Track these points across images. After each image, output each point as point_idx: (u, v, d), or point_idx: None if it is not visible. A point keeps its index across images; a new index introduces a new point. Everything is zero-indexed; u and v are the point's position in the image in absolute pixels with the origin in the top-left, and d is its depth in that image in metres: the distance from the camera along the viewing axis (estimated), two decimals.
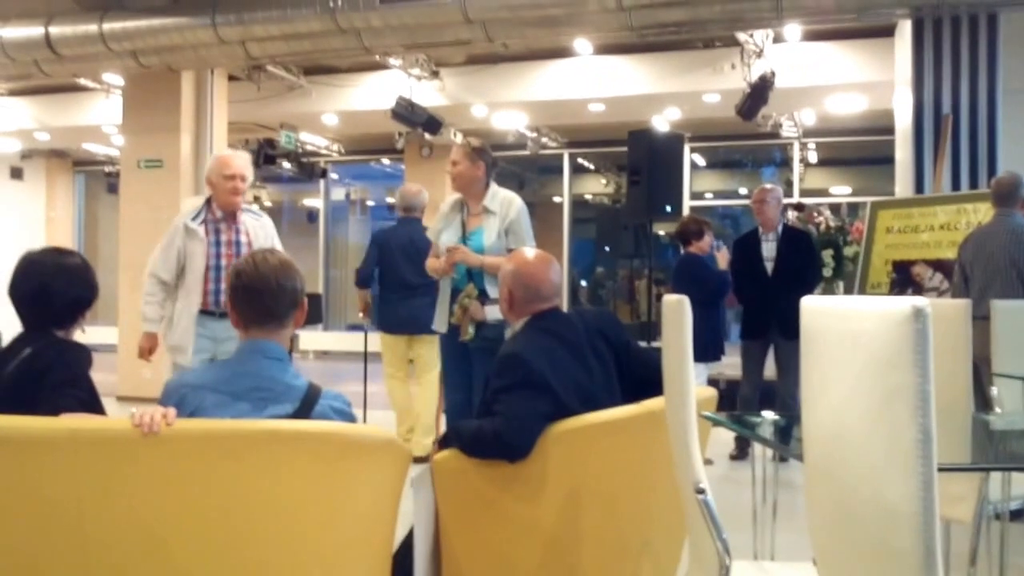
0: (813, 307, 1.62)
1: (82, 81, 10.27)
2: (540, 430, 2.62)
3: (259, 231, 4.51)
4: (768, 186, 6.25)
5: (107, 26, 7.72)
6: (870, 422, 1.45)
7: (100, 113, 11.31)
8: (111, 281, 9.33)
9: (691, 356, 2.21)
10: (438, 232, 4.40)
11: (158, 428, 1.96)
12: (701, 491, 2.10)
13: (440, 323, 4.34)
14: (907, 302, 1.30)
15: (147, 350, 4.57)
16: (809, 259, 6.12)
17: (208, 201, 4.50)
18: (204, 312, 4.38)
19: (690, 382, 2.17)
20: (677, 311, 2.17)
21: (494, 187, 4.34)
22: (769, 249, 6.04)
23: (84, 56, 8.03)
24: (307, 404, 2.25)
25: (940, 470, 1.36)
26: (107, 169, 14.37)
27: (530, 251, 3.13)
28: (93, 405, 2.45)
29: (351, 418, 2.35)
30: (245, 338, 2.33)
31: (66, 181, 15.65)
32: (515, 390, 2.65)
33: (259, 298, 2.30)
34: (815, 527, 1.74)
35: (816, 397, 1.63)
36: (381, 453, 2.31)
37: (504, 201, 4.29)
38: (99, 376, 2.57)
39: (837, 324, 1.53)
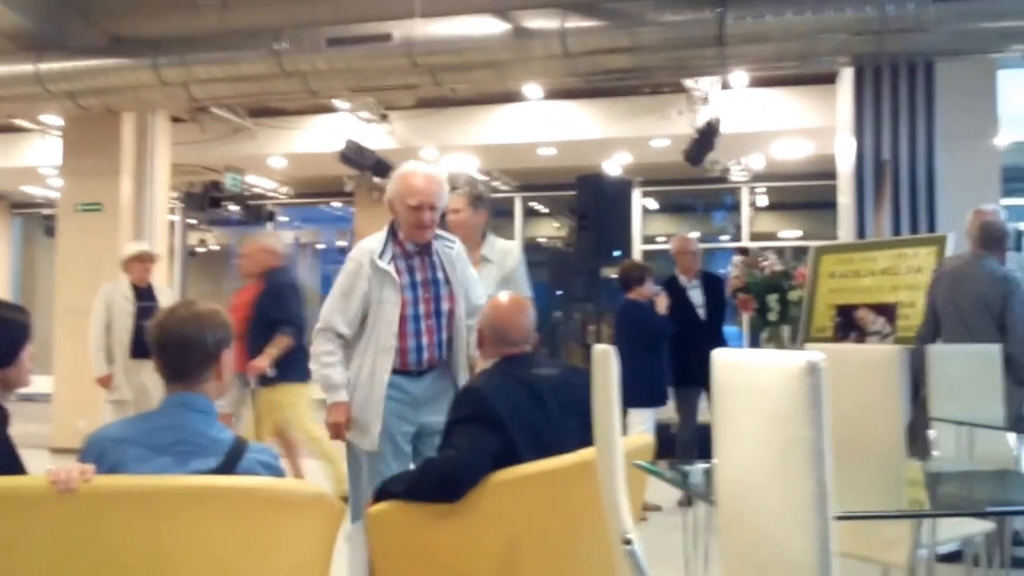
0: (722, 361, 1.63)
1: (18, 121, 10.07)
2: (487, 467, 2.61)
3: (456, 264, 3.59)
4: (688, 236, 6.53)
5: (44, 66, 7.59)
6: (770, 474, 1.48)
7: (38, 154, 11.11)
8: (47, 328, 9.07)
9: (618, 406, 2.17)
10: None
11: (75, 485, 1.93)
12: (628, 542, 2.08)
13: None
14: (802, 357, 1.29)
15: (340, 426, 3.48)
16: (725, 302, 6.51)
17: (393, 230, 3.55)
18: (402, 373, 3.45)
19: (617, 432, 2.13)
20: (604, 361, 2.13)
21: (491, 236, 4.18)
22: (696, 295, 6.28)
23: (20, 96, 7.89)
24: (232, 458, 2.20)
25: (845, 518, 1.36)
26: (45, 212, 14.07)
27: (505, 296, 3.14)
28: (11, 466, 2.34)
29: (279, 472, 2.31)
30: (169, 391, 2.27)
31: (3, 224, 15.29)
32: (469, 423, 2.67)
33: (169, 352, 2.25)
34: (728, 572, 1.75)
35: (726, 447, 1.68)
36: (310, 508, 2.26)
37: (502, 251, 4.14)
38: (33, 427, 2.48)
39: (742, 378, 1.54)
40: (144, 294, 6.52)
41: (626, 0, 6.73)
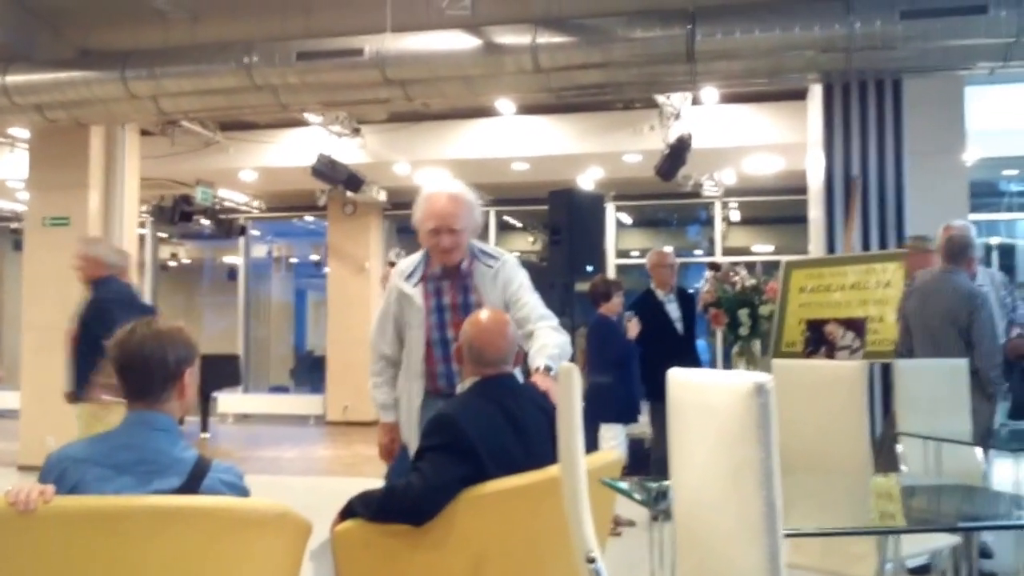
0: (676, 379, 1.64)
1: None
2: (452, 494, 2.59)
3: (489, 284, 3.37)
4: (665, 250, 6.53)
5: (11, 79, 7.50)
6: (722, 492, 1.49)
7: (6, 168, 10.92)
8: (15, 343, 8.95)
9: (581, 423, 2.16)
10: None
11: (34, 505, 1.91)
12: (591, 560, 2.08)
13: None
14: (750, 378, 1.29)
15: (386, 447, 3.55)
16: (696, 317, 6.55)
17: (428, 251, 3.49)
18: (436, 394, 3.37)
19: (580, 450, 2.12)
20: (567, 379, 2.13)
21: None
22: (674, 310, 6.34)
23: None
24: (195, 477, 2.18)
25: (796, 535, 1.37)
26: (13, 226, 13.91)
27: (486, 313, 3.02)
28: None
29: (243, 491, 2.29)
30: (131, 410, 2.24)
31: None
32: (439, 451, 2.62)
33: (129, 372, 2.23)
34: None
35: (682, 464, 1.71)
36: (275, 526, 2.23)
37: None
38: (0, 444, 2.43)
39: (695, 397, 1.56)
40: None
41: (596, 16, 6.75)
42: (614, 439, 5.86)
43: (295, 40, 7.18)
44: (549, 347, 3.17)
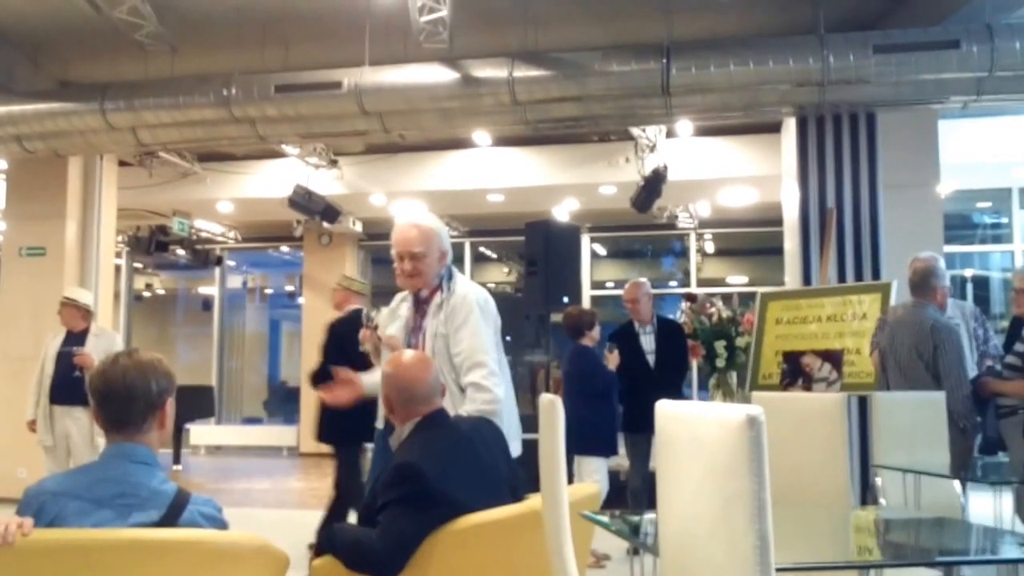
0: (665, 411, 1.64)
1: None
2: (419, 544, 2.58)
3: (433, 313, 3.40)
4: (639, 281, 6.44)
5: None
6: (712, 525, 1.48)
7: None
8: None
9: (563, 455, 2.17)
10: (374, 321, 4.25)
11: (13, 539, 1.89)
12: None
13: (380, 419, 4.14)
14: (742, 411, 1.30)
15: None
16: (684, 350, 6.40)
17: None
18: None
19: (563, 483, 2.12)
20: (550, 411, 2.13)
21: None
22: (648, 342, 6.25)
23: None
24: (174, 511, 2.15)
25: (788, 570, 1.36)
26: None
27: (408, 353, 3.06)
28: None
29: (222, 524, 2.26)
30: (110, 442, 2.22)
31: None
32: (404, 504, 2.60)
33: (109, 403, 2.21)
34: None
35: (669, 497, 1.69)
36: (253, 560, 2.21)
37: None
38: None
39: (683, 429, 1.56)
40: (71, 340, 6.42)
41: (573, 51, 6.82)
42: (597, 472, 5.82)
43: (274, 73, 7.20)
44: None
